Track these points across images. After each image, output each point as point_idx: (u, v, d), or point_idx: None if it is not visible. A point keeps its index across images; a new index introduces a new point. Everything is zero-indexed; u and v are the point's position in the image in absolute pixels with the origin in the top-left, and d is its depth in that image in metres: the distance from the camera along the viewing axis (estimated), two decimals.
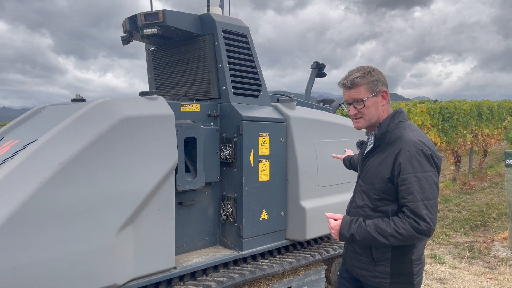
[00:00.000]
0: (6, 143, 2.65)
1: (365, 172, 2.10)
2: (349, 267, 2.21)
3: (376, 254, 2.02)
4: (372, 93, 2.00)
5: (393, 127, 2.01)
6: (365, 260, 2.07)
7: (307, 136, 3.35)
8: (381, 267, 2.02)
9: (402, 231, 1.83)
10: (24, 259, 1.93)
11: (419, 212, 1.81)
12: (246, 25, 3.25)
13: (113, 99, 2.45)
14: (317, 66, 4.55)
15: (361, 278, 2.12)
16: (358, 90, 2.00)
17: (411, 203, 1.83)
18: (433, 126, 9.85)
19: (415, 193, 1.83)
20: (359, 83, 1.99)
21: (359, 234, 1.92)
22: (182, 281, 2.71)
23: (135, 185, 2.33)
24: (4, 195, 1.95)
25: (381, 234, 1.87)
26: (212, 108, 3.06)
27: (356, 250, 2.13)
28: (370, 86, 2.00)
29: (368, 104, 2.00)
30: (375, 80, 2.00)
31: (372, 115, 2.03)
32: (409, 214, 1.83)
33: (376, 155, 2.05)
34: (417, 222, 1.81)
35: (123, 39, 3.30)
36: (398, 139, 1.95)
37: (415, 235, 1.82)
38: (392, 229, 1.85)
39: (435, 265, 5.00)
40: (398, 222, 1.85)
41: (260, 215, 3.09)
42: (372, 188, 2.03)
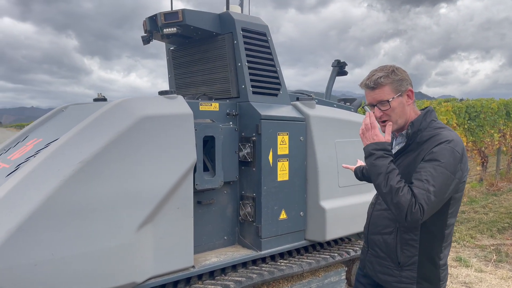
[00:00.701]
0: (30, 142, 2.71)
1: None
2: (370, 271, 2.12)
3: (402, 258, 1.93)
4: (397, 93, 1.89)
5: (425, 126, 1.91)
6: (389, 265, 1.98)
7: (327, 136, 3.30)
8: (407, 272, 1.93)
9: (402, 196, 1.71)
10: (45, 256, 1.97)
11: (419, 198, 1.70)
12: (265, 24, 3.22)
13: (133, 98, 2.47)
14: (338, 65, 4.48)
15: (384, 283, 2.03)
16: (382, 91, 1.90)
17: (415, 187, 1.73)
18: (459, 126, 9.60)
19: (424, 180, 1.73)
20: (383, 83, 1.89)
21: (375, 158, 1.83)
22: (201, 280, 2.71)
23: (154, 183, 2.34)
24: (26, 193, 1.98)
25: (387, 180, 1.76)
26: (231, 107, 3.05)
27: (379, 254, 2.04)
28: (395, 86, 1.90)
29: (393, 105, 1.90)
30: (400, 79, 1.90)
31: (399, 117, 1.92)
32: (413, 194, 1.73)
33: (406, 154, 1.96)
34: (414, 205, 1.70)
35: (144, 38, 3.33)
36: (433, 137, 1.85)
37: (403, 212, 1.70)
38: (397, 185, 1.73)
39: (460, 268, 4.86)
40: (405, 188, 1.73)
41: (279, 215, 3.06)
42: None
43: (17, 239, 1.89)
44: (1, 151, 2.97)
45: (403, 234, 1.93)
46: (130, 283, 2.26)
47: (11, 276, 1.88)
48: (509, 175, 11.92)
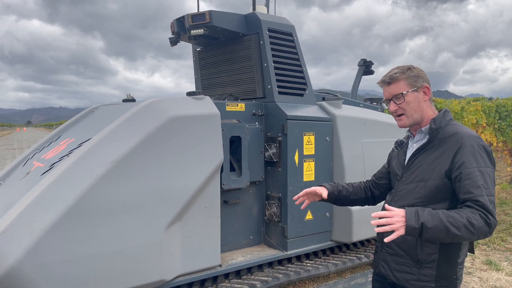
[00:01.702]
0: (63, 141, 2.79)
1: (413, 169, 2.00)
2: (384, 270, 2.08)
3: (422, 255, 1.91)
4: (412, 88, 1.95)
5: (445, 124, 1.94)
6: (408, 263, 1.95)
7: (354, 136, 3.27)
8: (426, 269, 1.90)
9: (475, 222, 1.68)
10: (79, 253, 2.03)
11: (487, 206, 1.71)
12: (291, 24, 3.22)
13: (162, 98, 2.51)
14: (364, 64, 4.44)
15: (400, 282, 1.99)
16: (397, 85, 1.96)
17: (479, 197, 1.72)
18: (489, 125, 9.33)
19: (481, 187, 1.74)
20: (398, 78, 1.95)
21: (429, 223, 1.66)
22: (227, 279, 2.73)
23: (183, 182, 2.38)
24: (61, 191, 2.05)
25: (453, 224, 1.67)
26: (257, 108, 3.06)
27: (396, 252, 2.00)
28: (410, 81, 1.95)
29: (408, 99, 1.94)
30: (415, 75, 1.96)
31: (414, 111, 1.96)
32: (478, 207, 1.72)
33: (428, 151, 1.95)
34: (487, 216, 1.70)
35: (171, 40, 3.38)
36: (454, 134, 1.88)
37: (485, 228, 1.69)
38: (465, 219, 1.68)
39: (490, 272, 4.73)
40: (469, 213, 1.70)
41: (304, 215, 3.06)
42: (424, 185, 1.92)
43: (52, 236, 1.95)
44: (35, 150, 3.07)
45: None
46: (159, 281, 2.31)
47: (46, 272, 1.94)
48: None
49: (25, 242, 1.91)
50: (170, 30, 3.40)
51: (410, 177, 2.00)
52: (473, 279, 4.53)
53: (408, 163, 2.06)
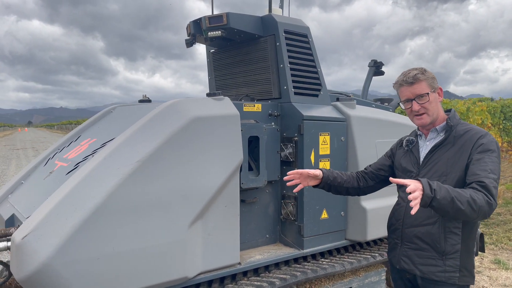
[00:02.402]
0: (84, 141, 2.84)
1: (431, 165, 2.10)
2: (407, 265, 2.15)
3: (447, 247, 2.01)
4: (432, 89, 2.08)
5: (457, 122, 2.11)
6: (432, 255, 2.05)
7: (368, 136, 3.32)
8: (451, 260, 2.01)
9: (477, 199, 1.77)
10: (107, 250, 2.07)
11: (490, 188, 1.82)
12: (306, 25, 3.27)
13: (183, 99, 2.55)
14: (375, 64, 4.48)
15: (426, 274, 2.07)
16: (420, 85, 2.06)
17: (483, 178, 1.85)
18: (494, 126, 9.38)
19: (487, 170, 1.87)
20: (421, 78, 2.06)
21: (439, 193, 1.75)
22: (246, 277, 2.78)
23: (205, 182, 2.42)
24: (89, 190, 2.09)
25: (458, 198, 1.76)
26: (273, 108, 3.10)
27: (420, 246, 2.09)
28: (430, 82, 2.08)
29: (431, 98, 2.07)
30: (432, 77, 2.09)
31: (434, 110, 2.09)
32: (480, 188, 1.83)
33: (445, 147, 2.08)
34: (488, 197, 1.81)
35: (187, 41, 3.43)
36: (470, 131, 2.05)
37: (485, 208, 1.79)
38: (468, 195, 1.78)
39: (499, 270, 4.77)
40: (472, 192, 1.80)
41: (320, 214, 3.10)
42: (445, 180, 2.02)
43: (81, 234, 1.99)
44: (56, 150, 3.12)
45: (447, 223, 2.03)
46: (183, 278, 2.35)
47: (76, 269, 1.98)
48: None
49: (56, 239, 1.95)
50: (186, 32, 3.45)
51: (429, 173, 2.10)
52: (482, 278, 4.58)
53: (425, 159, 2.16)
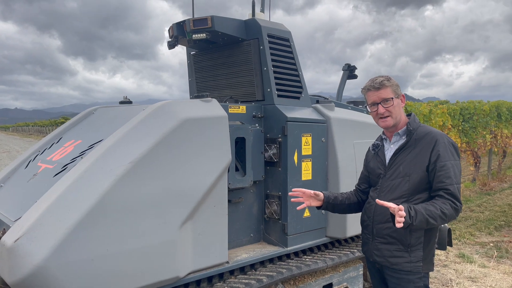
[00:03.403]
0: (68, 143, 2.80)
1: (396, 166, 2.30)
2: (378, 258, 2.36)
3: (412, 240, 2.23)
4: (396, 95, 2.29)
5: (417, 126, 2.31)
6: (399, 248, 2.26)
7: (347, 137, 3.46)
8: (416, 252, 2.24)
9: (446, 211, 2.06)
10: (101, 251, 2.07)
11: (456, 194, 2.10)
12: (288, 30, 3.37)
13: (173, 101, 2.58)
14: (349, 68, 4.65)
15: (394, 265, 2.28)
16: (386, 91, 2.27)
17: (450, 185, 2.10)
18: (454, 127, 9.87)
19: (452, 177, 2.12)
20: (386, 84, 2.28)
21: (415, 219, 2.02)
22: (233, 275, 2.83)
23: (196, 182, 2.46)
24: (82, 191, 2.09)
25: (431, 216, 2.04)
26: (257, 110, 3.18)
27: (388, 240, 2.29)
28: (394, 89, 2.29)
29: (395, 103, 2.28)
30: (397, 85, 2.31)
31: (397, 114, 2.30)
32: (448, 196, 2.09)
33: (407, 150, 2.28)
34: (455, 203, 2.09)
35: (170, 43, 3.45)
36: (428, 134, 2.25)
37: (453, 215, 2.09)
38: (439, 210, 2.05)
39: (464, 264, 5.06)
40: (441, 204, 2.07)
41: (303, 213, 3.20)
42: (408, 180, 2.23)
43: (76, 235, 1.99)
44: (36, 152, 3.05)
45: None
46: (174, 277, 2.38)
47: (71, 271, 1.98)
48: (500, 175, 12.27)
49: (50, 241, 1.94)
50: (169, 34, 3.46)
51: (394, 174, 2.30)
52: (449, 271, 4.83)
53: (390, 161, 2.35)
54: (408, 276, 2.25)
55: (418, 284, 2.26)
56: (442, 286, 4.38)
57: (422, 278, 2.27)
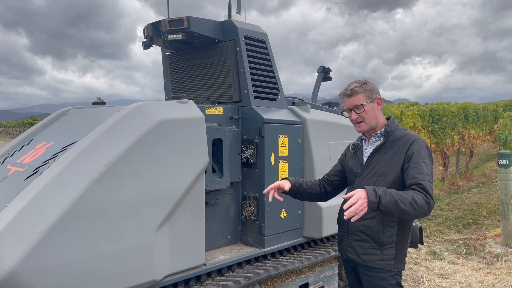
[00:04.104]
0: (39, 145, 2.72)
1: (372, 166, 2.37)
2: (351, 255, 2.41)
3: (384, 238, 2.28)
4: (369, 100, 2.33)
5: (395, 128, 2.38)
6: (372, 246, 2.32)
7: (322, 138, 3.50)
8: (388, 250, 2.29)
9: (417, 200, 2.03)
10: (76, 256, 2.02)
11: (427, 189, 2.09)
12: (264, 32, 3.38)
13: (149, 102, 2.55)
14: (323, 70, 4.71)
15: (366, 262, 2.34)
16: (357, 97, 2.33)
17: (422, 180, 2.11)
18: (424, 128, 10.16)
19: (424, 173, 2.14)
20: (358, 91, 2.33)
21: (384, 199, 1.96)
22: (211, 277, 2.82)
23: (172, 184, 2.44)
24: (56, 195, 2.03)
25: (401, 200, 2.00)
26: (234, 111, 3.18)
27: (362, 238, 2.35)
28: (367, 94, 2.33)
29: (367, 108, 2.33)
30: (371, 88, 2.35)
31: (371, 119, 2.36)
32: (420, 190, 2.09)
33: (383, 150, 2.35)
34: (427, 196, 2.08)
35: (144, 44, 3.41)
36: (404, 136, 2.31)
37: (425, 207, 2.06)
38: (410, 197, 2.03)
39: (434, 261, 5.21)
40: (413, 193, 2.06)
41: (280, 213, 3.22)
42: (383, 179, 2.29)
43: (49, 239, 1.93)
44: (5, 155, 2.95)
45: (385, 218, 2.29)
46: (151, 281, 2.35)
47: (44, 276, 1.92)
48: (468, 174, 12.70)
49: (22, 247, 1.88)
50: (143, 34, 3.42)
51: (370, 173, 2.36)
52: (420, 268, 4.97)
53: (367, 161, 2.42)
54: (380, 274, 2.31)
55: (390, 282, 2.32)
56: (414, 283, 4.50)
57: (395, 276, 2.33)
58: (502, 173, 5.82)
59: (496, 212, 7.95)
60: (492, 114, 14.58)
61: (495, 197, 9.32)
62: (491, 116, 14.42)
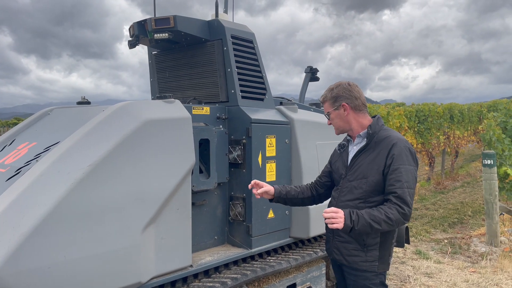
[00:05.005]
0: (21, 145, 2.67)
1: (355, 168, 2.36)
2: (337, 256, 2.43)
3: (368, 240, 2.29)
4: (334, 107, 2.39)
5: (379, 129, 2.36)
6: (356, 247, 2.33)
7: (310, 138, 3.50)
8: (372, 251, 2.30)
9: (391, 216, 2.09)
10: (59, 258, 1.98)
11: (404, 198, 2.12)
12: (252, 31, 3.37)
13: (134, 102, 2.52)
14: (311, 71, 4.72)
15: (351, 264, 2.36)
16: (325, 106, 2.45)
17: (399, 189, 2.13)
18: (410, 128, 10.26)
19: (402, 181, 2.15)
20: (325, 100, 2.44)
21: (357, 223, 2.10)
22: (197, 279, 2.79)
23: (158, 185, 2.41)
24: (38, 196, 1.99)
25: (375, 220, 2.09)
26: (221, 111, 3.16)
27: (346, 240, 2.36)
28: (331, 102, 2.40)
29: (332, 116, 2.42)
30: (334, 96, 2.38)
31: (339, 125, 2.42)
32: (395, 200, 2.12)
33: (366, 152, 2.34)
34: (402, 207, 2.11)
35: (130, 43, 3.37)
36: (387, 137, 2.29)
37: (400, 219, 2.12)
38: (383, 215, 2.10)
39: (420, 260, 5.25)
40: (387, 209, 2.12)
41: (267, 214, 3.21)
42: (366, 181, 2.28)
43: (31, 242, 1.89)
44: None
45: None
46: (136, 283, 2.31)
47: (26, 280, 1.88)
48: (453, 174, 12.87)
49: (3, 249, 1.83)
50: (129, 33, 3.38)
51: (353, 175, 2.36)
52: (407, 267, 5.00)
53: (351, 163, 2.42)
54: (364, 274, 2.33)
55: (374, 281, 2.33)
56: (400, 282, 4.53)
57: (379, 276, 2.34)
58: (486, 173, 5.90)
59: (480, 211, 8.07)
60: (476, 115, 14.81)
61: (479, 196, 9.46)
62: (475, 116, 14.64)
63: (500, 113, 9.43)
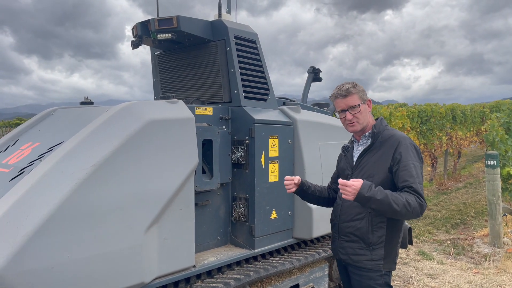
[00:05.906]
0: (25, 146, 2.67)
1: (361, 167, 2.40)
2: (342, 256, 2.45)
3: (373, 239, 2.31)
4: (362, 101, 2.38)
5: (383, 129, 2.40)
6: (362, 246, 2.35)
7: (313, 138, 3.50)
8: (377, 250, 2.32)
9: (411, 202, 2.10)
10: (62, 259, 1.98)
11: (419, 192, 2.16)
12: (255, 32, 3.37)
13: (138, 102, 2.52)
14: (313, 71, 4.72)
15: (356, 263, 2.37)
16: (353, 98, 2.36)
17: (413, 183, 2.16)
18: (412, 129, 10.24)
19: (414, 175, 2.18)
20: (353, 91, 2.36)
21: (378, 195, 2.07)
22: (200, 279, 2.79)
23: (162, 185, 2.41)
24: (42, 196, 1.99)
25: (395, 201, 2.09)
26: (224, 111, 3.15)
27: (352, 239, 2.38)
28: (360, 95, 2.38)
29: (362, 109, 2.37)
30: (362, 90, 2.40)
31: (364, 119, 2.40)
32: (412, 192, 2.14)
33: (372, 152, 2.38)
34: (419, 199, 2.14)
35: (133, 43, 3.37)
36: (392, 136, 2.34)
37: (417, 209, 2.13)
38: (404, 199, 2.10)
39: (423, 261, 5.24)
40: (407, 195, 2.13)
41: (270, 214, 3.21)
42: (371, 180, 2.28)
43: (36, 242, 1.89)
44: None
45: (374, 218, 2.32)
46: (140, 283, 2.31)
47: (30, 280, 1.88)
48: (455, 175, 12.84)
49: (7, 249, 1.83)
50: (132, 34, 3.38)
51: (359, 174, 2.38)
52: (409, 268, 4.99)
53: (356, 163, 2.45)
54: (369, 273, 2.34)
55: (379, 281, 2.34)
56: (403, 283, 4.52)
57: (383, 276, 2.35)
58: (489, 174, 5.88)
59: (483, 212, 8.04)
60: (479, 116, 14.77)
61: (482, 197, 9.43)
62: (478, 117, 14.61)
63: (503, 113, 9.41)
